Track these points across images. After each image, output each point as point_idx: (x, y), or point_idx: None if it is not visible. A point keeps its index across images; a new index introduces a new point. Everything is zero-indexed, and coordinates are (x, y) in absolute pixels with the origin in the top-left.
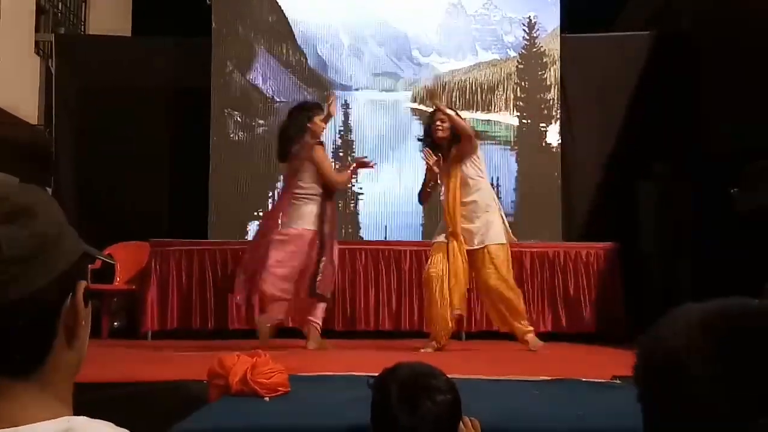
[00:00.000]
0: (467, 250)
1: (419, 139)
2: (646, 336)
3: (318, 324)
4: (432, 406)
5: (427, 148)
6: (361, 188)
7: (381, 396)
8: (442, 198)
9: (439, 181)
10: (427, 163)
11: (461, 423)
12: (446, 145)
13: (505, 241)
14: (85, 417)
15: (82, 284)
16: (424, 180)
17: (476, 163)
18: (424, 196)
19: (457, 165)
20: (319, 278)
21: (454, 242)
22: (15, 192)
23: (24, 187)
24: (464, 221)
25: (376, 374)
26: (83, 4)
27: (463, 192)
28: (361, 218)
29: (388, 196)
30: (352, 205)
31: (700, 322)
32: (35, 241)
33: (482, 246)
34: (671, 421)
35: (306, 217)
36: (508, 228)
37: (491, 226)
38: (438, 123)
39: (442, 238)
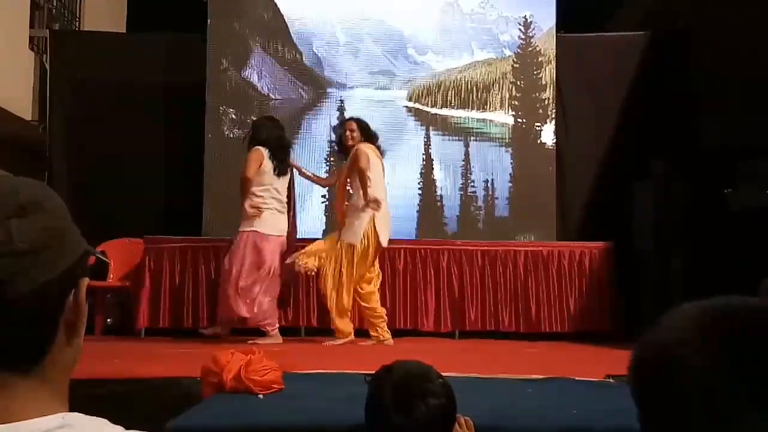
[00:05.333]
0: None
1: (336, 143)
2: (644, 334)
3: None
4: (425, 410)
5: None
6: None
7: (375, 395)
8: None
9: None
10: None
11: (456, 425)
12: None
13: (354, 242)
14: (80, 413)
15: (85, 281)
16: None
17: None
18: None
19: (351, 169)
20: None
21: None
22: (24, 186)
23: (30, 181)
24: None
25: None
26: (78, 0)
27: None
28: None
29: None
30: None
31: (694, 317)
32: (45, 235)
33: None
34: (665, 415)
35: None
36: (370, 233)
37: (350, 227)
38: (348, 133)
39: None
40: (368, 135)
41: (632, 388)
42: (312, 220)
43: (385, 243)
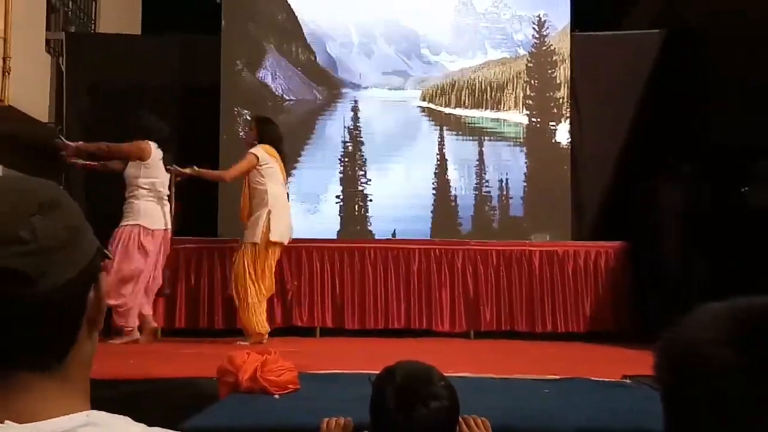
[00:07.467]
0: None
1: None
2: (668, 332)
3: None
4: (426, 413)
5: None
6: (369, 180)
7: (378, 398)
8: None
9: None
10: None
11: (461, 425)
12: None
13: (256, 241)
14: (103, 412)
15: (104, 275)
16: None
17: (260, 171)
18: None
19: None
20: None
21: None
22: (40, 185)
23: (44, 181)
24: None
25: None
26: (93, 2)
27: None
28: (369, 216)
29: (396, 195)
30: (360, 202)
31: (727, 315)
32: (66, 233)
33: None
34: (695, 414)
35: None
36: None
37: (251, 225)
38: (248, 130)
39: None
40: (268, 137)
41: (660, 387)
42: (327, 219)
43: (281, 239)
